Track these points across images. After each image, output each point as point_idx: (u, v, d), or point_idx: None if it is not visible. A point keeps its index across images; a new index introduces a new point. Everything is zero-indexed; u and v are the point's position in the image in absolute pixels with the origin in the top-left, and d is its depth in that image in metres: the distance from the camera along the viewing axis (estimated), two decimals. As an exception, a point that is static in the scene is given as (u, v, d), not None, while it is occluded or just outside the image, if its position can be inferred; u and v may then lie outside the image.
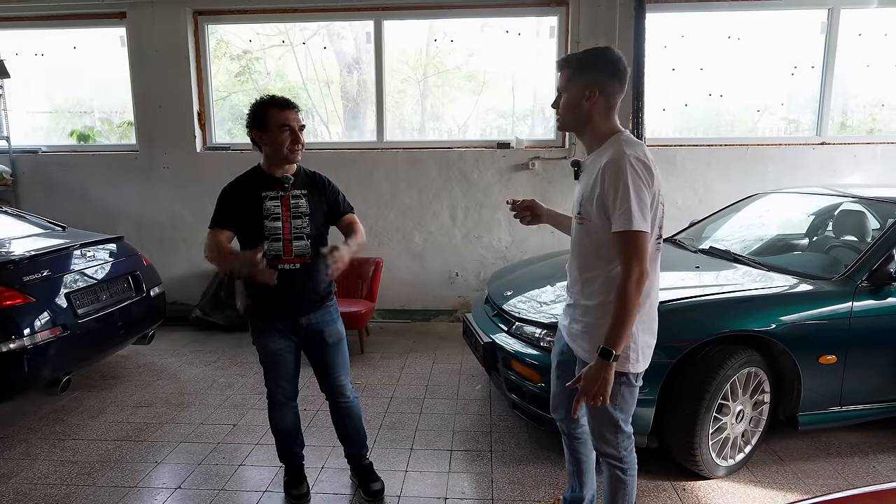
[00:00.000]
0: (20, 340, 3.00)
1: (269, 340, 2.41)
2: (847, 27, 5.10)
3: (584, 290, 1.87)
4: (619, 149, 1.72)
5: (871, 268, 2.82)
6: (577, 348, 1.92)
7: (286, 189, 2.34)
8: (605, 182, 1.70)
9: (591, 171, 1.82)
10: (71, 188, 5.48)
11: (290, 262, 2.34)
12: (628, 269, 1.66)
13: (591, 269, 1.84)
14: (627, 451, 1.95)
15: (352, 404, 2.58)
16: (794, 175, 5.07)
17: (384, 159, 5.31)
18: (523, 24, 5.22)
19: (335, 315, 2.52)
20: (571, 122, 1.87)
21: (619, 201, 1.66)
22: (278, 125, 2.25)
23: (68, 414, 3.50)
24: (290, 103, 2.30)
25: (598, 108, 1.80)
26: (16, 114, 5.59)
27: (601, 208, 1.74)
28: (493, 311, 3.39)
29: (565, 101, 1.84)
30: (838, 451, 2.98)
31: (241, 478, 2.80)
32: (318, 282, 2.42)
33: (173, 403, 3.65)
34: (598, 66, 1.78)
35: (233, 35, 5.52)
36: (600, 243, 1.78)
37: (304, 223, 2.35)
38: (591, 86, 1.78)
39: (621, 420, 1.89)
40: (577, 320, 1.91)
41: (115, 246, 3.95)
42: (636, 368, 1.82)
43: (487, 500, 2.60)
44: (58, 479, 2.78)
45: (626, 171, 1.66)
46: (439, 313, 5.46)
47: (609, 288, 1.77)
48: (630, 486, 1.98)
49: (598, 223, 1.77)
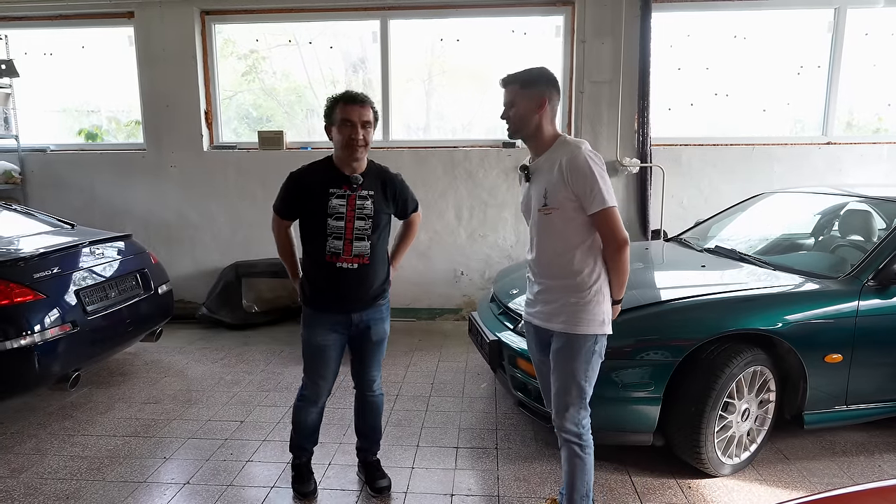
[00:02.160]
0: (31, 337, 3.03)
1: (317, 333, 2.42)
2: (853, 27, 5.09)
3: (557, 273, 2.10)
4: (573, 147, 2.02)
5: (877, 267, 2.83)
6: (555, 324, 2.11)
7: (354, 189, 2.33)
8: (570, 176, 1.98)
9: (546, 169, 2.07)
10: (79, 187, 5.52)
11: (348, 261, 2.34)
12: (614, 238, 2.01)
13: (563, 252, 2.07)
14: (586, 428, 2.14)
15: (377, 399, 2.64)
16: (799, 175, 5.07)
17: (390, 158, 5.29)
18: (529, 23, 5.23)
19: (385, 314, 2.54)
20: (524, 130, 2.11)
21: (590, 188, 1.97)
22: (342, 119, 2.26)
23: (77, 410, 3.53)
24: (356, 98, 2.29)
25: (546, 117, 2.09)
26: (25, 113, 5.63)
27: (568, 197, 2.01)
28: (498, 309, 3.41)
29: (517, 112, 2.09)
30: (844, 449, 2.99)
31: (249, 474, 2.82)
32: (374, 282, 2.42)
33: (181, 400, 3.67)
34: (543, 80, 2.10)
35: (239, 35, 5.55)
36: (568, 228, 2.05)
37: (366, 224, 2.34)
38: (540, 97, 2.07)
39: (587, 392, 2.11)
40: (553, 300, 2.12)
41: (123, 244, 3.98)
42: (606, 330, 2.09)
43: (493, 496, 2.61)
44: (67, 474, 2.81)
45: (587, 162, 1.97)
46: (444, 312, 5.48)
47: (582, 263, 2.05)
48: (588, 464, 2.14)
49: (563, 211, 2.03)
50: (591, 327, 2.06)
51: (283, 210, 2.44)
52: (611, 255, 2.04)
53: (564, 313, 2.08)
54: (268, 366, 4.27)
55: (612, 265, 2.07)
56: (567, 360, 2.09)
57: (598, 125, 5.14)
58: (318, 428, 2.64)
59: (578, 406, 2.11)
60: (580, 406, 2.11)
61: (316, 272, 2.40)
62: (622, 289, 2.12)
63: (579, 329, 2.05)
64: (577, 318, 2.06)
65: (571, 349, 2.08)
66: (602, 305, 2.08)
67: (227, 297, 5.23)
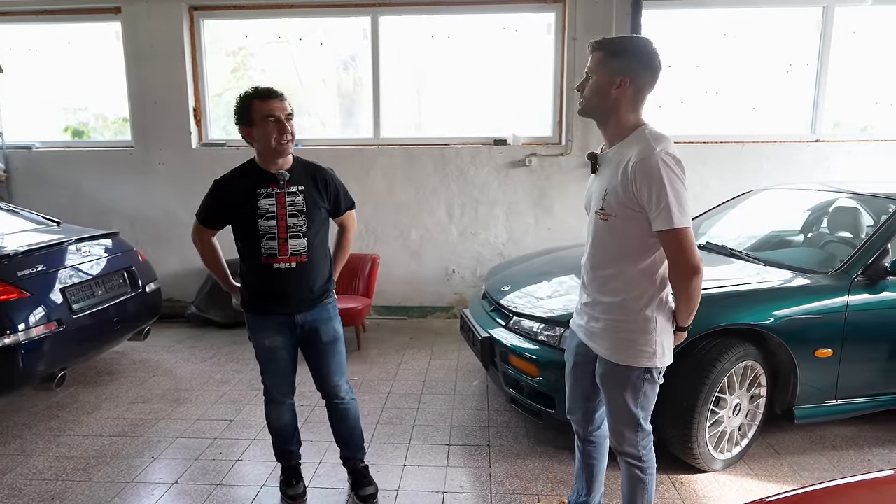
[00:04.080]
0: (15, 335, 2.98)
1: (264, 337, 2.37)
2: (841, 25, 5.13)
3: (605, 287, 1.84)
4: (648, 144, 1.67)
5: (866, 262, 2.84)
6: (598, 347, 1.88)
7: (282, 186, 2.26)
8: (636, 181, 1.65)
9: (614, 164, 1.75)
10: (65, 184, 5.45)
11: (285, 261, 2.27)
12: (682, 263, 1.67)
13: (614, 265, 1.80)
14: (647, 449, 1.94)
15: (347, 406, 2.54)
16: (788, 172, 5.10)
17: (381, 156, 5.30)
18: (520, 20, 5.22)
19: (332, 313, 2.46)
20: (595, 109, 1.78)
21: (656, 200, 1.62)
22: (263, 116, 2.17)
23: (63, 410, 3.48)
24: (273, 92, 2.21)
25: (625, 98, 1.72)
26: (9, 109, 5.54)
27: (628, 205, 1.69)
28: (490, 306, 3.40)
29: (593, 84, 1.75)
30: (834, 444, 3.00)
31: (238, 473, 2.79)
32: (315, 280, 2.36)
33: (169, 399, 3.63)
34: (634, 54, 1.71)
35: (228, 31, 5.50)
36: (625, 240, 1.76)
37: (300, 221, 2.28)
38: (622, 73, 1.70)
39: (641, 418, 1.88)
40: (598, 318, 1.87)
41: (110, 241, 3.92)
42: (660, 363, 1.81)
43: (486, 493, 2.60)
44: (53, 475, 2.77)
45: (660, 168, 1.61)
46: (436, 310, 5.46)
47: (632, 285, 1.77)
48: (649, 485, 1.96)
49: (623, 220, 1.73)
50: (639, 359, 1.78)
51: (207, 218, 2.34)
52: (676, 279, 1.72)
53: (609, 339, 1.83)
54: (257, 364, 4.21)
55: (677, 291, 1.75)
56: (614, 389, 1.87)
57: (590, 123, 5.07)
58: (295, 429, 2.59)
59: (635, 430, 1.89)
60: (637, 430, 1.89)
61: (254, 276, 2.33)
62: (689, 317, 1.80)
63: (626, 360, 1.80)
64: (624, 348, 1.79)
65: (617, 379, 1.84)
66: (654, 335, 1.77)
67: (215, 295, 5.17)
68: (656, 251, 1.75)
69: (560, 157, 5.19)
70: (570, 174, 5.22)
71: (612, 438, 1.97)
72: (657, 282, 1.78)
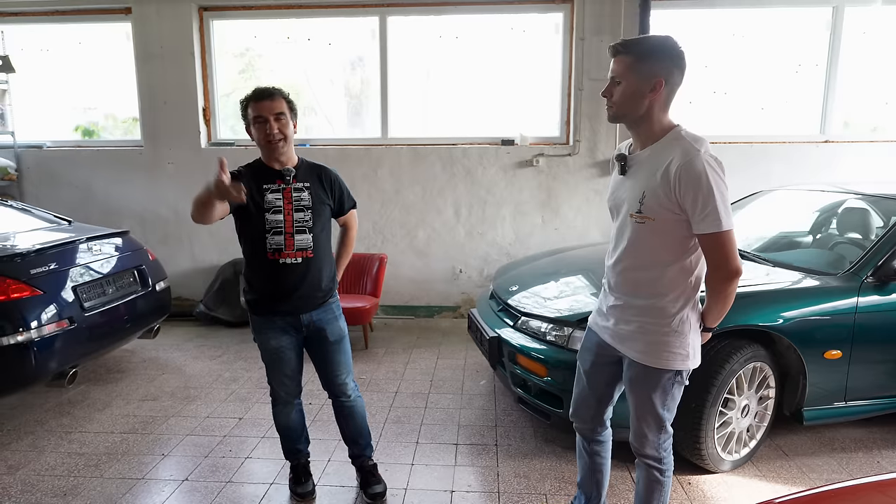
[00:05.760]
0: (27, 333, 3.01)
1: (269, 337, 2.38)
2: (851, 25, 5.10)
3: (640, 290, 1.82)
4: (689, 147, 1.66)
5: (876, 264, 2.83)
6: (629, 350, 1.87)
7: (288, 182, 2.30)
8: (679, 184, 1.64)
9: (650, 167, 1.72)
10: (75, 183, 5.49)
11: (291, 256, 2.30)
12: (725, 266, 1.69)
13: (651, 268, 1.78)
14: (667, 451, 1.94)
15: (354, 404, 2.55)
16: (797, 172, 5.08)
17: (388, 155, 5.31)
18: (528, 20, 5.22)
19: (337, 312, 2.48)
20: (629, 114, 1.74)
21: (702, 203, 1.62)
22: (254, 117, 2.21)
23: (74, 407, 3.51)
24: (264, 93, 2.22)
25: (659, 100, 1.71)
26: (21, 109, 5.59)
27: (670, 208, 1.68)
28: (498, 306, 3.41)
29: (624, 90, 1.71)
30: (842, 446, 3.00)
31: (248, 470, 2.81)
32: (321, 278, 2.39)
33: (179, 397, 3.66)
34: (666, 55, 1.69)
35: (237, 31, 5.52)
36: (664, 243, 1.74)
37: (306, 216, 2.31)
38: (656, 75, 1.67)
39: (667, 419, 1.89)
40: (630, 321, 1.85)
41: (120, 240, 3.96)
42: (691, 365, 1.83)
43: (493, 493, 2.61)
44: (65, 471, 2.80)
45: (706, 171, 1.62)
46: (443, 309, 5.47)
47: (670, 287, 1.77)
48: (666, 486, 1.96)
49: (662, 223, 1.71)
50: (672, 362, 1.78)
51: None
52: (716, 283, 1.73)
53: (642, 341, 1.82)
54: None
55: (714, 294, 1.76)
56: (643, 392, 1.86)
57: (598, 123, 5.14)
58: (303, 428, 2.61)
59: (658, 432, 1.90)
60: (660, 431, 1.90)
61: (259, 273, 2.34)
62: (720, 319, 1.83)
63: (659, 363, 1.79)
64: (657, 351, 1.79)
65: (648, 382, 1.83)
66: (687, 337, 1.79)
67: (224, 294, 5.21)
68: (693, 253, 1.75)
69: (567, 158, 5.19)
70: (578, 174, 5.22)
71: (634, 441, 1.95)
72: (693, 283, 1.78)
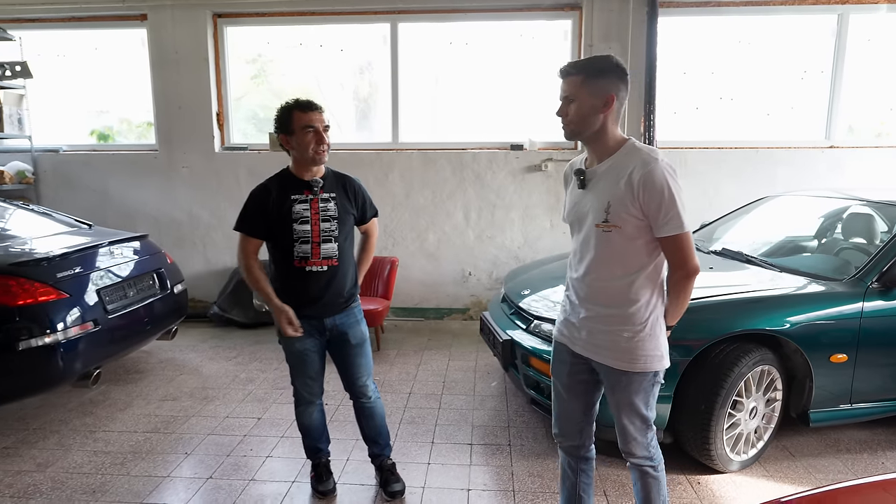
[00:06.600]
0: (55, 335, 3.10)
1: (295, 340, 2.46)
2: (856, 32, 5.17)
3: (612, 299, 1.86)
4: (648, 156, 1.74)
5: (881, 269, 2.91)
6: (606, 359, 1.90)
7: (315, 192, 2.40)
8: (645, 193, 1.71)
9: (611, 178, 1.80)
10: (91, 187, 5.59)
11: (318, 264, 2.39)
12: (684, 265, 1.79)
13: (621, 276, 1.83)
14: (655, 448, 2.01)
15: (374, 404, 2.65)
16: (802, 178, 5.15)
17: (399, 160, 5.40)
18: (537, 27, 5.30)
19: (359, 316, 2.58)
20: (585, 130, 1.83)
21: (665, 208, 1.71)
22: (302, 127, 2.31)
23: (97, 407, 3.60)
24: (312, 105, 2.35)
25: (611, 116, 1.80)
26: (37, 113, 5.68)
27: (635, 215, 1.75)
28: (510, 309, 3.48)
29: (579, 107, 1.80)
30: (848, 447, 3.07)
31: (269, 469, 2.90)
32: (345, 284, 2.49)
33: (198, 397, 3.75)
34: (613, 72, 1.78)
35: (250, 37, 5.61)
36: (631, 249, 1.80)
37: (332, 226, 2.41)
38: (608, 92, 1.77)
39: (651, 417, 1.97)
40: (603, 331, 1.89)
41: (139, 244, 4.04)
42: (666, 364, 1.91)
43: (508, 491, 2.69)
44: (92, 469, 2.89)
45: (666, 179, 1.71)
46: (452, 312, 5.56)
47: (640, 293, 1.83)
48: (662, 481, 2.02)
49: (629, 230, 1.77)
50: (649, 364, 1.85)
51: (250, 227, 2.41)
52: (677, 282, 1.83)
53: (618, 349, 1.86)
54: (281, 364, 4.33)
55: (675, 293, 1.85)
56: (627, 397, 1.91)
57: (605, 128, 5.21)
58: (324, 427, 2.71)
59: (645, 432, 1.96)
60: (646, 431, 1.96)
61: (286, 280, 2.43)
62: (678, 317, 1.92)
63: (636, 367, 1.85)
64: (634, 356, 1.84)
65: (630, 387, 1.89)
66: (660, 338, 1.87)
67: (238, 296, 5.30)
68: (657, 257, 1.84)
69: (576, 162, 5.26)
70: (586, 179, 5.28)
71: (624, 446, 2.00)
72: (660, 287, 1.88)
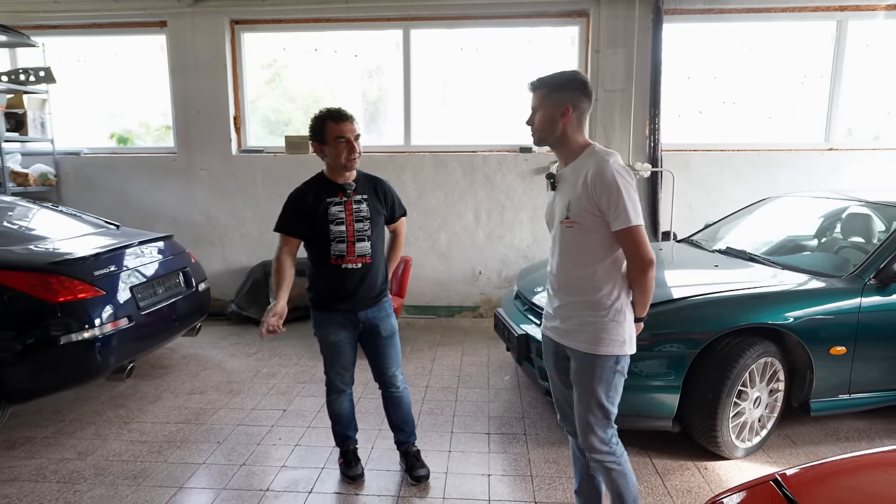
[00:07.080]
0: (92, 330, 3.25)
1: (329, 332, 2.64)
2: (855, 38, 5.34)
3: (578, 288, 2.03)
4: (601, 158, 1.93)
5: (878, 267, 3.07)
6: (572, 342, 2.04)
7: (349, 195, 2.57)
8: (595, 188, 1.90)
9: (573, 180, 1.98)
10: (111, 189, 5.75)
11: (353, 261, 2.57)
12: (638, 257, 1.92)
13: (584, 267, 2.00)
14: (617, 444, 2.09)
15: (402, 394, 2.82)
16: (803, 180, 5.31)
17: (411, 162, 5.56)
18: (545, 33, 5.47)
19: (389, 310, 2.76)
20: (548, 137, 2.03)
21: (614, 203, 1.88)
22: (335, 137, 2.48)
23: (128, 399, 3.76)
24: (344, 115, 2.52)
25: (570, 124, 1.99)
26: (59, 117, 5.85)
27: (591, 211, 1.93)
28: (524, 305, 3.65)
29: (542, 117, 2.01)
30: (847, 436, 3.23)
31: (299, 456, 3.06)
32: (377, 280, 2.67)
33: (224, 391, 3.91)
34: (572, 85, 1.99)
35: (267, 43, 5.78)
36: (591, 242, 1.98)
37: (365, 226, 2.58)
38: (565, 103, 1.97)
39: (611, 412, 2.05)
40: (571, 317, 2.05)
41: (165, 244, 4.20)
42: (628, 350, 2.02)
43: (526, 476, 2.85)
44: (131, 457, 3.05)
45: (615, 176, 1.88)
46: (463, 309, 5.72)
47: (602, 282, 1.98)
48: (629, 475, 2.09)
49: (587, 225, 1.96)
50: (611, 348, 1.98)
51: (288, 228, 2.59)
52: (635, 274, 1.96)
53: (584, 332, 2.01)
54: (300, 359, 4.50)
55: (635, 285, 1.99)
56: (588, 381, 2.02)
57: (612, 131, 5.39)
58: (353, 416, 2.87)
59: (604, 426, 2.04)
60: (606, 426, 2.04)
61: (323, 277, 2.62)
62: (646, 308, 2.05)
63: (599, 350, 1.98)
64: (597, 339, 1.98)
65: (592, 370, 2.00)
66: (623, 325, 1.99)
67: (255, 294, 5.46)
68: (614, 251, 1.98)
69: (583, 164, 5.42)
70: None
71: (583, 440, 2.08)
72: (622, 277, 2.01)
